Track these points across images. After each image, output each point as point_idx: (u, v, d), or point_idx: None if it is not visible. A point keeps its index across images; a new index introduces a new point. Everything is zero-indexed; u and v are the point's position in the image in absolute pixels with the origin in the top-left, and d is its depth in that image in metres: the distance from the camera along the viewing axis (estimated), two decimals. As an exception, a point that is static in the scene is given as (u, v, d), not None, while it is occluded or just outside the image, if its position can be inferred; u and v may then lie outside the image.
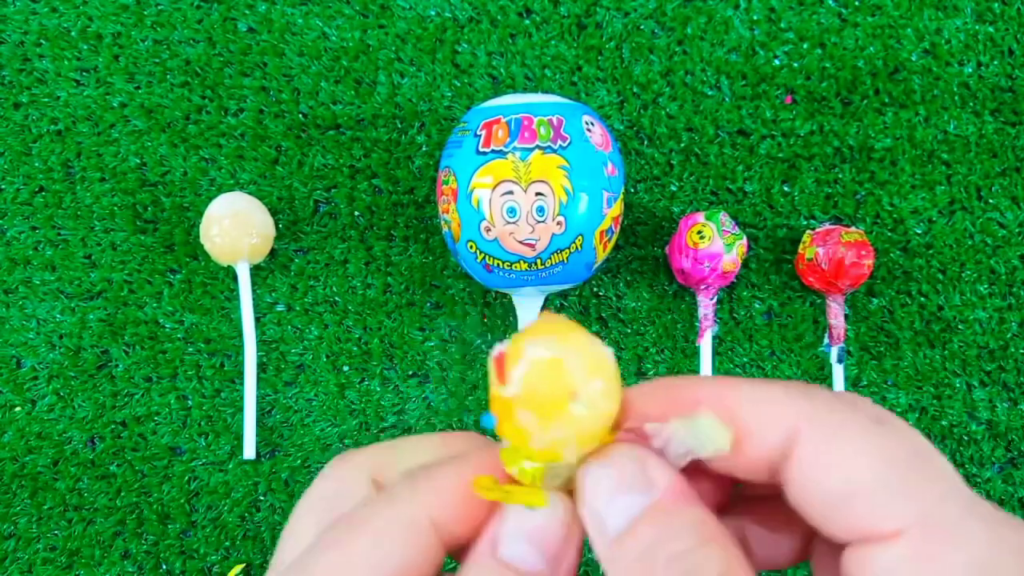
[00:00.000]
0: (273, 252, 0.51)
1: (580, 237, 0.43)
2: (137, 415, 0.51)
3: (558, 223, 0.43)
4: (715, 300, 0.49)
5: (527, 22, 0.52)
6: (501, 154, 0.43)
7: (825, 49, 0.52)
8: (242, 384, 0.51)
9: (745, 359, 0.50)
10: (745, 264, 0.51)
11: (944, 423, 0.50)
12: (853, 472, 0.17)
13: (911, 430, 0.18)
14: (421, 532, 0.19)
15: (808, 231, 0.49)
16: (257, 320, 0.51)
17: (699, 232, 0.47)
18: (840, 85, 0.51)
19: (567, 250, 0.43)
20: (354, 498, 0.20)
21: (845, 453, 0.17)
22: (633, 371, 0.51)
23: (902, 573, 0.16)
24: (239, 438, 0.50)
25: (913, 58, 0.51)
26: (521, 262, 0.44)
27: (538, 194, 0.42)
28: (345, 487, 0.20)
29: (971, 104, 0.51)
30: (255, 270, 0.51)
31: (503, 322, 0.51)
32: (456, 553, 0.20)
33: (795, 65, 0.51)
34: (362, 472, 0.20)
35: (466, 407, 0.51)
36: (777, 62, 0.52)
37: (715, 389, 0.19)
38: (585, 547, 0.19)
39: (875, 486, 0.17)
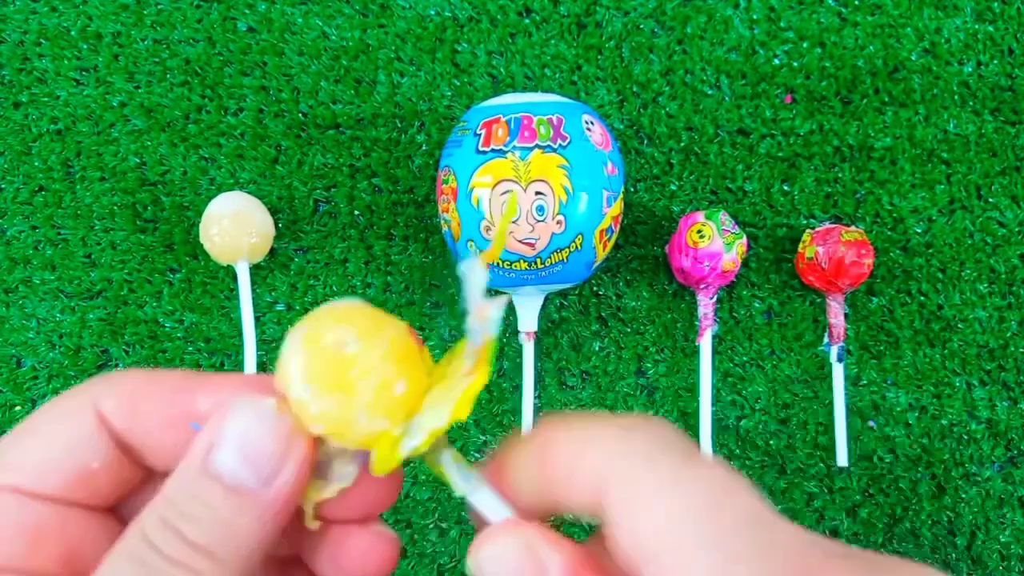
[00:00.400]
0: (273, 251, 0.51)
1: (580, 236, 0.43)
2: (137, 414, 0.51)
3: (558, 222, 0.43)
4: (715, 299, 0.49)
5: (527, 21, 0.52)
6: (501, 153, 0.43)
7: (825, 48, 0.52)
8: (242, 383, 0.51)
9: (745, 358, 0.50)
10: (745, 263, 0.51)
11: (944, 422, 0.50)
12: (646, 530, 0.16)
13: (718, 467, 0.17)
14: (80, 417, 0.19)
15: (808, 230, 0.49)
16: (257, 319, 0.51)
17: (699, 231, 0.47)
18: (840, 84, 0.51)
19: (567, 249, 0.43)
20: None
21: (642, 507, 0.16)
22: (633, 370, 0.51)
23: None
24: (239, 437, 0.50)
25: (913, 57, 0.51)
26: (521, 261, 0.44)
27: (538, 193, 0.42)
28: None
29: (971, 103, 0.51)
30: (255, 269, 0.51)
31: (503, 322, 0.51)
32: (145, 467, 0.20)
33: (795, 64, 0.52)
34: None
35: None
36: (777, 61, 0.52)
37: (547, 435, 0.18)
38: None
39: (663, 548, 0.15)
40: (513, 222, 0.43)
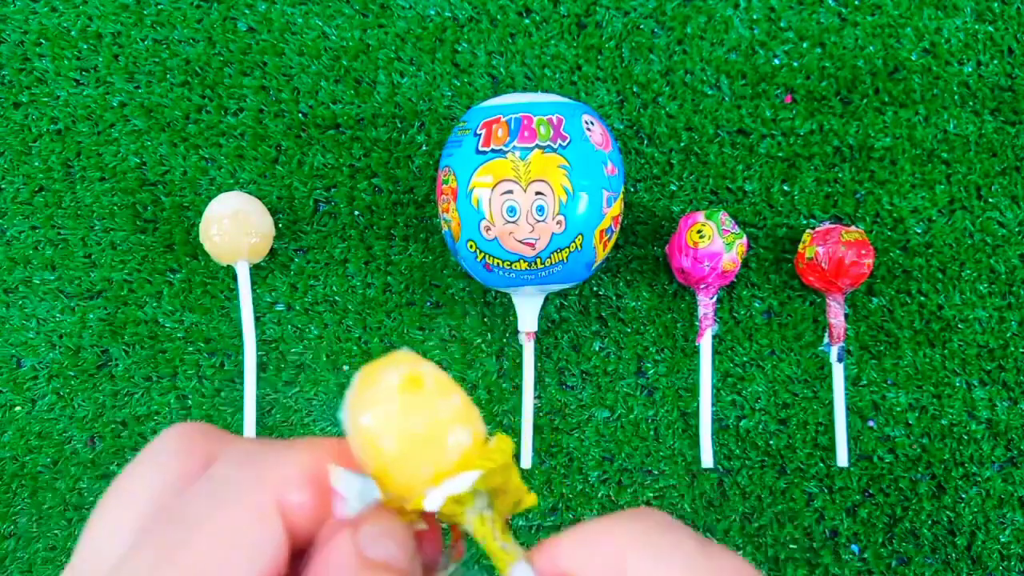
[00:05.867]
0: (273, 252, 0.51)
1: (580, 236, 0.43)
2: (137, 415, 0.51)
3: (558, 222, 0.43)
4: (715, 299, 0.49)
5: (527, 21, 0.52)
6: (501, 153, 0.43)
7: (825, 48, 0.52)
8: (242, 384, 0.51)
9: (745, 358, 0.50)
10: (745, 263, 0.51)
11: (944, 422, 0.50)
12: None
13: (736, 556, 0.18)
14: (270, 524, 0.16)
15: (808, 230, 0.49)
16: (257, 320, 0.51)
17: (699, 231, 0.47)
18: (840, 84, 0.51)
19: (567, 249, 0.43)
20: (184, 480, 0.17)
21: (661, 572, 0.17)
22: (633, 370, 0.51)
23: None
24: (239, 437, 0.50)
25: (913, 57, 0.51)
26: (521, 261, 0.44)
27: (538, 193, 0.42)
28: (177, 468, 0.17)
29: (971, 103, 0.51)
30: (255, 270, 0.51)
31: (503, 322, 0.51)
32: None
33: (795, 64, 0.51)
34: (198, 453, 0.18)
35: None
36: (777, 61, 0.52)
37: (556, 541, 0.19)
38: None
39: None
40: (513, 222, 0.43)
